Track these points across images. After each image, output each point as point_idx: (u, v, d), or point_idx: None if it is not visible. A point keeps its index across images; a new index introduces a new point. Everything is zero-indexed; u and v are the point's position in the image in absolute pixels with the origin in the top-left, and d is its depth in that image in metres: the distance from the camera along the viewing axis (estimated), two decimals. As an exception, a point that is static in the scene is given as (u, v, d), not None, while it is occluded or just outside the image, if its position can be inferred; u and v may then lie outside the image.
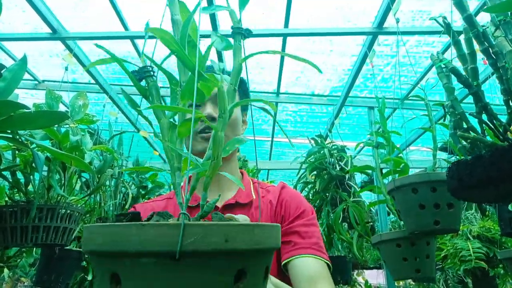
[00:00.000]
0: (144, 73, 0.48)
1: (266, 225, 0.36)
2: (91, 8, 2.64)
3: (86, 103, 1.47)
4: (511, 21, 0.61)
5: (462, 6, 0.66)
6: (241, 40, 0.47)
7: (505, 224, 1.28)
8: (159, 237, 0.30)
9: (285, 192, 0.98)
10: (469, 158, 0.58)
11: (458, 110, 0.71)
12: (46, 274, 1.72)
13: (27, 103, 0.84)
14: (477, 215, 2.40)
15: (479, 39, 0.65)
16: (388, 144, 1.44)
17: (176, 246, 0.29)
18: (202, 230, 0.30)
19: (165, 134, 0.47)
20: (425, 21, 2.58)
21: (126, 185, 2.21)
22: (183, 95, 0.45)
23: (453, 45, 0.72)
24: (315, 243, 0.87)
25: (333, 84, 3.50)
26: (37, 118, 0.83)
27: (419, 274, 1.26)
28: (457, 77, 0.70)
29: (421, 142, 4.15)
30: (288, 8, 2.48)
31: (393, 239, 1.31)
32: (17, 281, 4.87)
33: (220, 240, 0.31)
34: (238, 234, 0.32)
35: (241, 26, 0.47)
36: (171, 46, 0.43)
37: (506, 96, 0.61)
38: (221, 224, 0.32)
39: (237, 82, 0.48)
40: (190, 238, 0.30)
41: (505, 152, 0.53)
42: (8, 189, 1.44)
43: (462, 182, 0.59)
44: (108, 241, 0.31)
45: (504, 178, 0.53)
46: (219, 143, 0.44)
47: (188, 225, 0.30)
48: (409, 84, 3.01)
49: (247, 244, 0.32)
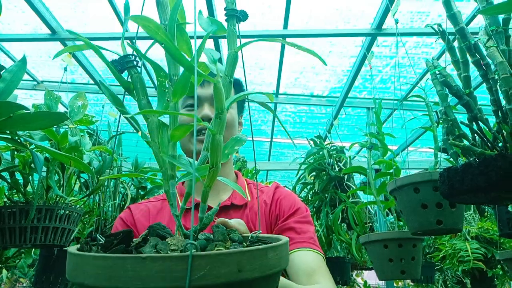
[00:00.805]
0: (126, 63, 0.41)
1: (278, 246, 0.32)
2: (90, 9, 2.64)
3: (85, 104, 1.47)
4: (502, 31, 0.62)
5: (455, 19, 0.69)
6: (235, 24, 0.41)
7: (503, 225, 1.29)
8: (163, 272, 0.26)
9: (279, 191, 0.99)
10: (458, 166, 0.59)
11: (450, 116, 0.73)
12: (45, 275, 1.71)
13: (26, 103, 0.84)
14: (476, 216, 2.40)
15: (470, 51, 0.67)
16: (382, 146, 1.45)
17: (183, 282, 0.25)
18: (212, 262, 0.27)
19: (154, 136, 0.41)
20: (424, 22, 2.58)
21: (125, 185, 2.21)
22: (175, 92, 0.40)
23: (448, 51, 0.73)
24: (310, 238, 0.88)
25: (332, 85, 3.50)
26: (36, 119, 0.82)
27: (404, 275, 1.29)
28: (448, 89, 0.72)
29: (420, 143, 4.16)
30: (287, 9, 2.49)
31: (380, 240, 1.34)
32: (15, 282, 4.86)
33: (232, 270, 0.27)
34: (251, 261, 0.29)
35: (235, 7, 0.41)
36: (157, 36, 0.36)
37: (495, 107, 0.62)
38: (232, 253, 0.28)
39: (233, 73, 0.42)
40: (199, 271, 0.26)
41: (493, 161, 0.55)
42: (7, 189, 1.44)
43: (453, 189, 0.60)
44: (103, 276, 0.27)
45: (492, 187, 0.54)
46: (218, 147, 0.38)
47: (196, 256, 0.26)
48: (409, 84, 3.02)
49: (259, 271, 0.29)
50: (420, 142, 4.14)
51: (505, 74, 0.58)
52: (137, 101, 0.43)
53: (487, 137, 0.63)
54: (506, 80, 0.58)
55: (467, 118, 0.67)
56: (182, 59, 0.37)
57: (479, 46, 0.67)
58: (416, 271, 1.31)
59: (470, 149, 0.62)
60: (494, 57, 0.60)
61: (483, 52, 0.66)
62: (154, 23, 0.36)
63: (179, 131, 0.39)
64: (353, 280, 4.24)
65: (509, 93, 0.58)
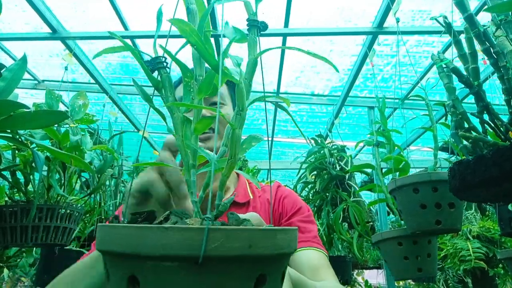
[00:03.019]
0: (157, 64, 0.46)
1: (287, 229, 0.35)
2: (91, 8, 2.64)
3: (86, 103, 1.47)
4: (511, 20, 0.61)
5: (463, 6, 0.67)
6: (256, 33, 0.45)
7: (505, 224, 1.28)
8: (182, 241, 0.29)
9: (281, 190, 1.00)
10: (471, 158, 0.58)
11: (459, 109, 0.71)
12: (46, 274, 1.72)
13: (27, 102, 0.84)
14: (477, 215, 2.40)
15: (480, 39, 0.65)
16: (389, 142, 1.44)
17: (199, 251, 0.29)
18: (226, 235, 0.30)
19: (178, 129, 0.46)
20: (425, 20, 2.58)
21: (126, 185, 2.21)
22: (200, 90, 0.44)
23: (454, 45, 0.72)
24: (314, 237, 0.89)
25: (333, 84, 3.50)
26: (37, 118, 0.82)
27: (421, 273, 1.26)
28: (458, 77, 0.69)
29: (421, 142, 4.15)
30: (288, 8, 2.48)
31: (394, 237, 1.30)
32: (17, 281, 4.87)
33: (244, 245, 0.30)
34: (261, 239, 0.31)
35: (256, 18, 0.45)
36: (191, 38, 0.41)
37: (508, 96, 0.61)
38: (245, 229, 0.31)
39: (252, 77, 0.46)
40: (214, 243, 0.29)
41: (507, 151, 0.53)
42: (8, 189, 1.44)
43: (465, 182, 0.58)
44: (129, 243, 0.31)
45: (506, 178, 0.53)
46: (237, 141, 0.42)
47: (212, 229, 0.29)
48: (409, 83, 3.01)
49: (269, 249, 0.32)
50: (421, 141, 4.13)
51: (517, 63, 0.57)
52: (164, 97, 0.48)
53: (499, 128, 0.62)
54: (518, 69, 0.57)
55: (477, 109, 0.65)
56: (211, 59, 0.42)
57: (489, 34, 0.65)
58: (433, 268, 1.27)
59: (482, 140, 0.60)
60: (504, 46, 0.59)
61: (492, 40, 0.64)
62: (191, 27, 0.41)
63: (201, 124, 0.44)
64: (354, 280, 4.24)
65: (522, 81, 0.56)
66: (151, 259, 0.30)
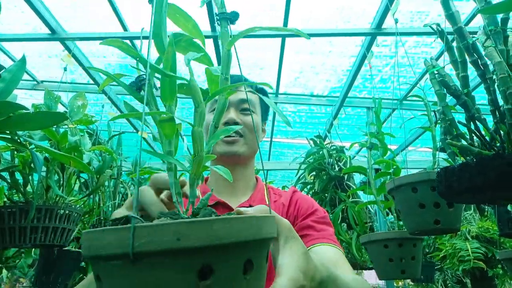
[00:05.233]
0: (140, 81, 0.49)
1: (230, 219, 0.35)
2: (90, 9, 2.64)
3: (85, 104, 1.47)
4: (501, 31, 0.63)
5: (453, 19, 0.69)
6: (227, 25, 0.46)
7: (503, 224, 1.29)
8: (116, 240, 0.32)
9: (297, 195, 1.01)
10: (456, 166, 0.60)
11: (448, 116, 0.73)
12: (45, 275, 1.72)
13: (26, 103, 0.84)
14: (476, 215, 2.40)
15: (468, 51, 0.68)
16: (382, 145, 1.45)
17: (129, 248, 0.31)
18: (153, 230, 0.31)
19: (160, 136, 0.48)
20: (424, 21, 2.58)
21: (125, 185, 2.21)
22: (164, 98, 0.46)
23: (447, 51, 0.74)
24: (330, 235, 0.89)
25: (332, 85, 3.50)
26: (35, 119, 0.83)
27: (404, 275, 1.29)
28: (446, 88, 0.73)
29: (420, 142, 4.16)
30: (287, 8, 2.49)
31: (381, 239, 1.34)
32: (16, 281, 4.87)
33: (172, 239, 0.31)
34: (192, 231, 0.32)
35: (225, 11, 0.46)
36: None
37: (493, 106, 0.63)
38: (171, 223, 0.32)
39: (228, 70, 0.47)
40: (141, 239, 0.31)
41: (491, 161, 0.55)
42: (6, 189, 1.44)
43: (451, 188, 0.60)
44: (89, 247, 0.34)
45: (490, 187, 0.55)
46: (198, 138, 0.44)
47: (139, 227, 0.31)
48: (408, 84, 3.02)
49: (204, 240, 0.32)
50: (420, 142, 4.14)
51: (503, 74, 0.58)
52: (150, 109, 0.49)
53: (484, 137, 0.63)
54: (503, 80, 0.58)
55: (464, 118, 0.67)
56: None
57: (477, 46, 0.67)
58: (416, 270, 1.32)
59: (468, 149, 0.62)
60: (492, 57, 0.60)
61: (481, 52, 0.66)
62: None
63: (167, 130, 0.45)
64: (353, 280, 4.23)
65: (507, 93, 0.58)
66: (102, 259, 0.33)
